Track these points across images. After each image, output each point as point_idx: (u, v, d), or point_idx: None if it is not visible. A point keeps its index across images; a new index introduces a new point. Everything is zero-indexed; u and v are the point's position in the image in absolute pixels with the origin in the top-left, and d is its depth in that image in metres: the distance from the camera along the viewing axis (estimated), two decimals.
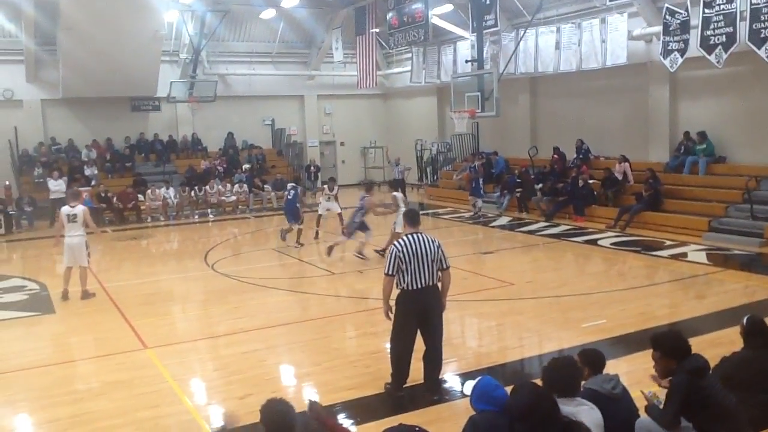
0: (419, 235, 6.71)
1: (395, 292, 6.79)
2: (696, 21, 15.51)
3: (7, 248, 18.35)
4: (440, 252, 6.70)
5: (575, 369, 4.50)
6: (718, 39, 15.12)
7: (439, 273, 6.77)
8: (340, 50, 26.80)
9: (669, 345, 4.78)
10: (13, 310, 11.27)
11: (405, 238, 6.69)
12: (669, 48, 16.31)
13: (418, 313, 6.73)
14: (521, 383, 4.07)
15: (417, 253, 6.58)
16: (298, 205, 15.92)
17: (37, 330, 10.28)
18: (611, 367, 5.08)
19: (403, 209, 12.71)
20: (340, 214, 17.14)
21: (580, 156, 20.35)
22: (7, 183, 22.12)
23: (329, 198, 17.32)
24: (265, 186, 24.12)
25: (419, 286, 6.61)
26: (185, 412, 6.83)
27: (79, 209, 11.55)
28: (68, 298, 11.46)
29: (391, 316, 6.85)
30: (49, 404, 7.15)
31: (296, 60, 29.00)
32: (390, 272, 6.64)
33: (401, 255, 6.58)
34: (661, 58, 16.57)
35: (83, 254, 11.57)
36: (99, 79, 22.50)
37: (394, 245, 6.68)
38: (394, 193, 14.52)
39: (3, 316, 10.88)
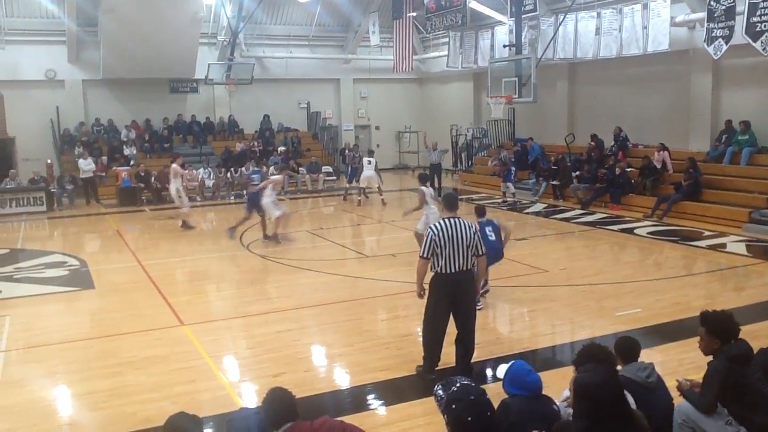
0: (456, 219, 6.71)
1: (429, 275, 6.80)
2: (742, 7, 15.13)
3: (48, 225, 18.79)
4: (476, 238, 6.70)
5: (609, 356, 4.47)
6: (764, 26, 14.73)
7: (475, 259, 6.76)
8: (377, 34, 26.74)
9: (716, 324, 4.72)
10: (54, 285, 11.56)
11: (442, 222, 6.70)
12: (713, 35, 15.95)
13: (450, 297, 6.74)
14: (592, 364, 4.01)
15: (453, 237, 6.57)
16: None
17: (77, 305, 10.55)
18: (645, 356, 5.03)
19: (432, 207, 11.69)
20: (379, 187, 18.06)
21: (618, 144, 20.07)
22: (49, 161, 22.64)
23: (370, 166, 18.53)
24: (300, 169, 24.25)
25: (453, 270, 6.62)
26: (220, 387, 6.96)
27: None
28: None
29: (424, 297, 6.86)
30: (88, 377, 7.34)
31: (333, 43, 29.02)
32: (425, 255, 6.64)
33: (437, 239, 6.57)
34: (705, 45, 16.22)
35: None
36: (139, 60, 22.82)
37: (431, 228, 6.66)
38: (421, 188, 12.27)
39: (44, 290, 11.18)
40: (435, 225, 6.70)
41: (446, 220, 6.71)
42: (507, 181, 20.03)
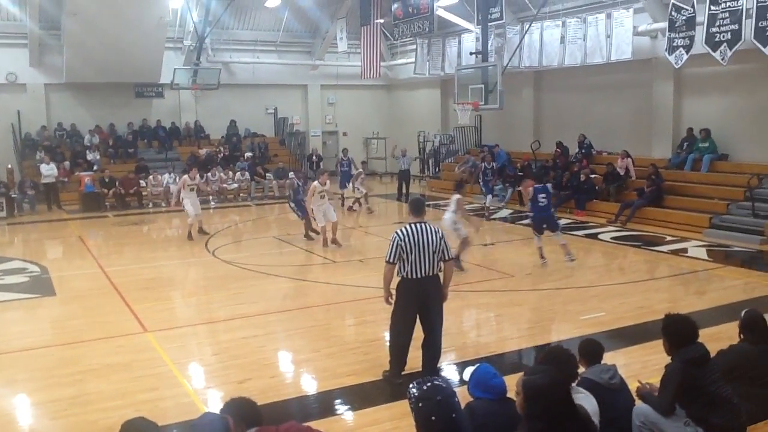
0: (423, 224, 6.69)
1: (396, 280, 6.80)
2: (702, 17, 15.48)
3: (8, 231, 18.39)
4: (443, 243, 6.69)
5: (571, 358, 4.53)
6: (723, 36, 15.09)
7: (441, 264, 6.76)
8: (345, 40, 26.76)
9: (671, 327, 4.81)
10: (14, 291, 11.31)
11: (408, 227, 6.66)
12: (674, 44, 16.28)
13: (417, 302, 6.74)
14: (540, 366, 4.06)
15: (419, 242, 6.56)
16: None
17: (38, 312, 10.34)
18: (609, 359, 5.10)
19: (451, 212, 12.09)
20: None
21: (583, 151, 20.34)
22: (10, 166, 22.17)
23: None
24: (266, 174, 24.13)
25: (419, 275, 6.61)
26: (184, 395, 6.87)
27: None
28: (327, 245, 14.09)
29: (391, 302, 6.85)
30: (49, 385, 7.18)
31: (300, 49, 28.96)
32: (391, 260, 6.63)
33: (403, 244, 6.56)
34: (667, 54, 16.55)
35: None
36: (103, 64, 22.48)
37: (397, 233, 6.64)
38: (456, 196, 12.35)
39: (4, 297, 10.93)
40: (401, 230, 6.66)
41: (412, 225, 6.66)
42: (488, 193, 19.34)
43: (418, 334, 6.93)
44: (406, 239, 6.56)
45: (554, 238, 12.60)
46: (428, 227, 6.69)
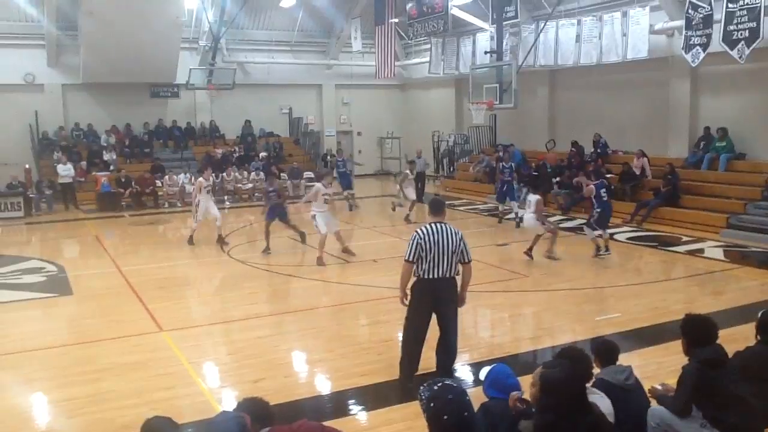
0: (443, 225, 6.60)
1: (411, 280, 6.77)
2: (719, 15, 15.34)
3: (26, 230, 18.58)
4: (462, 244, 6.59)
5: (584, 357, 4.51)
6: (741, 34, 14.94)
7: (460, 266, 6.68)
8: (359, 40, 26.79)
9: (689, 328, 4.78)
10: (31, 290, 11.42)
11: (427, 226, 6.57)
12: (691, 42, 16.15)
13: (431, 303, 6.68)
14: (558, 360, 4.05)
15: (439, 242, 6.47)
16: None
17: (55, 311, 10.43)
18: (624, 360, 5.08)
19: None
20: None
21: (598, 150, 20.23)
22: (27, 166, 22.38)
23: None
24: (281, 174, 24.19)
25: (435, 275, 6.54)
26: (199, 393, 6.91)
27: (314, 186, 13.75)
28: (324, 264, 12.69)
29: (406, 303, 6.81)
30: (65, 383, 7.25)
31: (315, 49, 29.01)
32: (411, 258, 6.53)
33: (422, 242, 6.46)
34: (683, 52, 16.41)
35: (315, 225, 12.97)
36: (119, 64, 22.64)
37: (417, 232, 6.55)
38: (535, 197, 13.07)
39: (22, 296, 11.05)
40: (421, 229, 6.58)
41: (432, 225, 6.57)
42: (512, 200, 17.48)
43: (432, 335, 6.90)
44: (426, 238, 6.47)
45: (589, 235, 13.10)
46: (448, 228, 6.60)
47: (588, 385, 4.27)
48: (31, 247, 16.62)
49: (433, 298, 6.67)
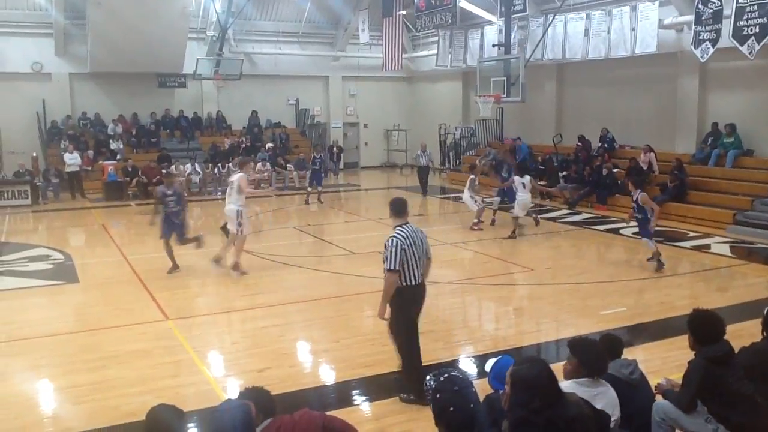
0: (411, 226, 6.26)
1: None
2: (729, 11, 15.23)
3: (33, 218, 18.66)
4: (427, 241, 6.36)
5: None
6: (751, 30, 14.84)
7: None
8: (367, 32, 26.73)
9: (698, 324, 4.77)
10: (38, 278, 11.48)
11: (403, 229, 6.14)
12: (700, 38, 16.05)
13: (418, 310, 6.40)
14: (530, 357, 4.07)
15: (415, 245, 6.13)
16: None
17: (61, 298, 10.47)
18: (628, 355, 5.07)
19: (521, 194, 14.26)
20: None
21: (605, 145, 20.18)
22: (35, 155, 22.46)
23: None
24: (287, 165, 24.22)
25: (417, 281, 6.21)
26: (204, 382, 6.94)
27: (235, 176, 11.22)
28: (223, 265, 11.50)
29: (386, 318, 6.35)
30: (71, 370, 7.29)
31: (322, 40, 28.96)
32: (396, 267, 6.00)
33: (406, 248, 6.03)
34: (692, 47, 16.31)
35: (234, 223, 11.15)
36: (127, 54, 22.65)
37: (397, 238, 6.04)
38: (514, 177, 14.80)
39: (28, 284, 11.11)
40: (399, 233, 6.08)
41: (405, 227, 6.18)
42: (512, 201, 15.54)
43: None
44: (407, 242, 6.05)
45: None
46: (416, 228, 6.30)
47: (595, 377, 4.27)
48: (38, 234, 16.69)
49: (419, 304, 6.37)
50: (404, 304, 6.23)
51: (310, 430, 3.84)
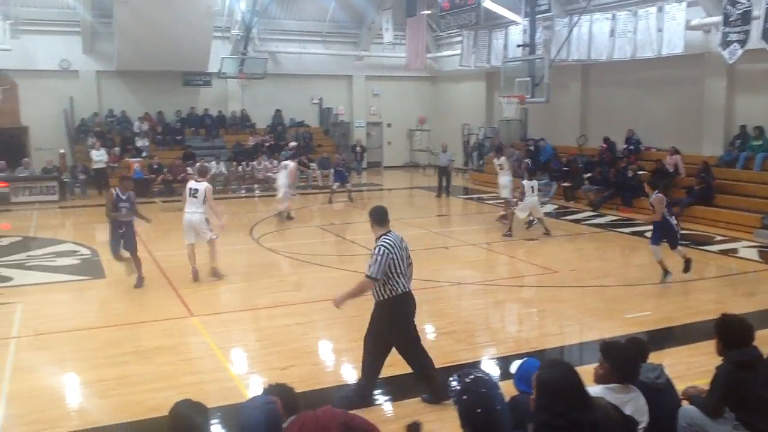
0: (394, 233, 6.20)
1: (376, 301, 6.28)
2: (758, 12, 15.02)
3: (61, 214, 18.92)
4: (408, 248, 6.30)
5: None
6: None
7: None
8: (390, 31, 26.72)
9: (726, 329, 4.71)
10: (65, 273, 11.64)
11: (390, 238, 6.06)
12: (728, 39, 15.84)
13: (413, 318, 6.33)
14: (555, 360, 4.04)
15: (402, 252, 6.09)
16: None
17: (88, 294, 10.62)
18: (652, 360, 5.02)
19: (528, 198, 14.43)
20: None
21: (630, 146, 20.00)
22: (62, 151, 22.75)
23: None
24: (311, 164, 24.31)
25: (408, 288, 6.17)
26: (228, 379, 7.00)
27: (202, 186, 10.94)
28: (198, 279, 10.93)
29: (341, 307, 6.40)
30: (96, 365, 7.39)
31: (346, 40, 29.01)
32: (379, 276, 5.92)
33: (394, 256, 5.96)
34: (720, 49, 16.11)
35: (205, 231, 11.02)
36: (153, 52, 22.86)
37: (385, 246, 5.97)
38: (524, 181, 14.92)
39: (55, 278, 11.27)
40: (387, 242, 6.00)
41: (390, 236, 6.09)
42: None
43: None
44: (394, 251, 5.97)
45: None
46: (399, 236, 6.23)
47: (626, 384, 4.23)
48: (65, 230, 16.93)
49: (413, 314, 6.29)
50: (401, 315, 6.16)
51: (332, 427, 3.87)
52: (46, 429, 5.93)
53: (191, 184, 11.10)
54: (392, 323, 6.17)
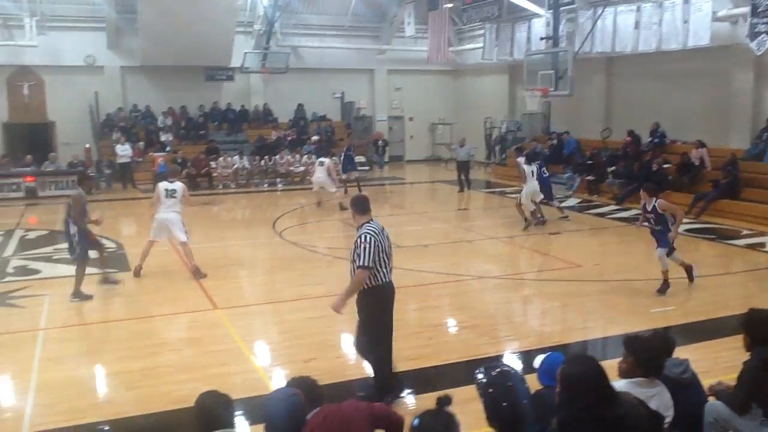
0: (376, 222, 6.11)
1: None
2: None
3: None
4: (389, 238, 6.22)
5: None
6: None
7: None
8: (412, 25, 26.66)
9: (754, 324, 4.66)
10: (91, 266, 11.71)
11: (372, 226, 5.99)
12: (756, 30, 15.59)
13: (392, 307, 6.30)
14: (579, 354, 4.02)
15: (385, 240, 6.06)
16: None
17: (114, 286, 10.72)
18: (678, 355, 4.98)
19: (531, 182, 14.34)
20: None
21: (655, 140, 19.78)
22: (88, 146, 23.03)
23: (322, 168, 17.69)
24: (333, 158, 24.32)
25: (389, 278, 6.14)
26: (252, 371, 7.06)
27: (179, 185, 11.14)
28: (140, 275, 10.94)
29: (344, 313, 6.22)
30: (123, 356, 7.49)
31: (368, 34, 28.97)
32: (370, 264, 5.82)
33: (379, 244, 5.90)
34: (748, 40, 15.86)
35: (181, 229, 11.02)
36: (176, 48, 23.04)
37: (370, 234, 5.88)
38: (523, 165, 14.83)
39: None
40: (372, 230, 5.91)
41: (372, 224, 6.02)
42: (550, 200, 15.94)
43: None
44: (379, 239, 5.91)
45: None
46: (381, 225, 6.15)
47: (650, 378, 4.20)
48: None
49: (392, 303, 6.24)
50: (381, 303, 6.10)
51: (357, 419, 3.90)
52: (74, 419, 6.02)
53: (165, 185, 11.17)
54: (375, 310, 6.13)
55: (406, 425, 3.80)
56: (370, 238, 5.83)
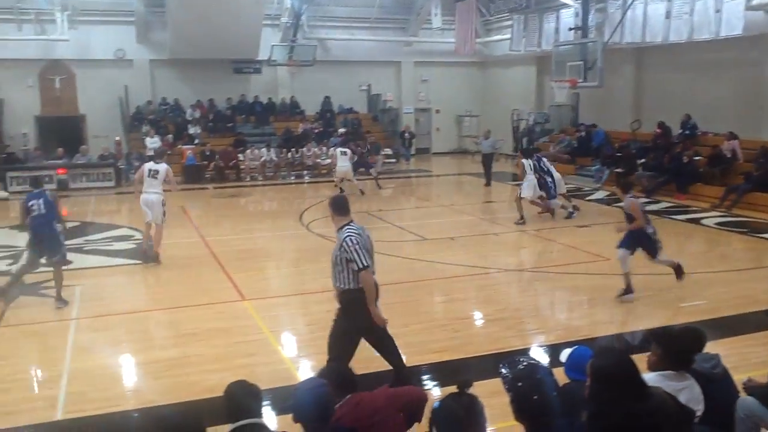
0: (355, 223, 5.98)
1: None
2: None
3: (116, 200, 19.42)
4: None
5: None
6: None
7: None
8: (439, 17, 26.54)
9: None
10: (121, 257, 11.95)
11: (353, 227, 5.85)
12: None
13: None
14: (608, 347, 3.99)
15: (368, 241, 5.93)
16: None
17: (143, 277, 10.89)
18: (708, 350, 4.92)
19: (530, 177, 14.34)
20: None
21: (686, 131, 19.47)
22: (118, 139, 23.31)
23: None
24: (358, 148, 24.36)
25: (374, 279, 5.96)
26: (280, 362, 7.11)
27: (162, 167, 11.41)
28: (159, 261, 11.18)
29: (386, 320, 6.06)
30: (152, 346, 7.61)
31: (394, 26, 28.90)
32: (367, 263, 5.70)
33: (366, 245, 5.81)
34: None
35: (159, 212, 11.35)
36: (204, 41, 23.19)
37: (354, 235, 5.75)
38: (522, 160, 14.85)
39: (112, 262, 11.58)
40: (354, 232, 5.78)
41: (353, 225, 5.88)
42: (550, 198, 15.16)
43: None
44: (362, 240, 5.79)
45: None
46: (361, 225, 6.04)
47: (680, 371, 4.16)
48: (121, 215, 17.36)
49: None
50: (362, 305, 5.86)
51: (388, 407, 3.94)
52: (105, 407, 6.12)
53: (150, 165, 11.55)
54: (355, 313, 5.97)
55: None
56: (356, 239, 5.71)
